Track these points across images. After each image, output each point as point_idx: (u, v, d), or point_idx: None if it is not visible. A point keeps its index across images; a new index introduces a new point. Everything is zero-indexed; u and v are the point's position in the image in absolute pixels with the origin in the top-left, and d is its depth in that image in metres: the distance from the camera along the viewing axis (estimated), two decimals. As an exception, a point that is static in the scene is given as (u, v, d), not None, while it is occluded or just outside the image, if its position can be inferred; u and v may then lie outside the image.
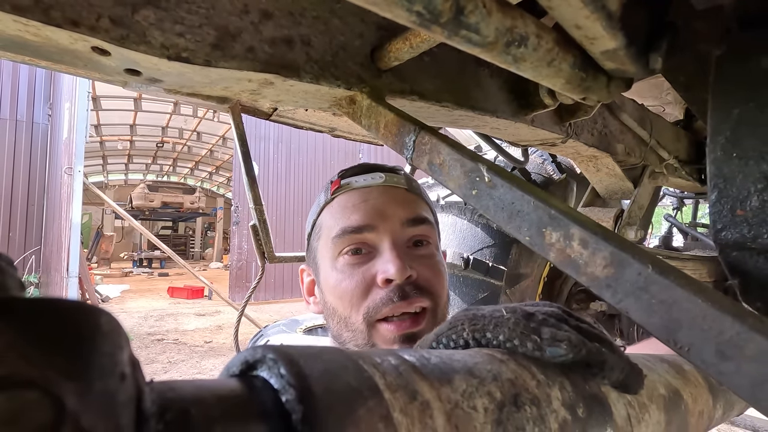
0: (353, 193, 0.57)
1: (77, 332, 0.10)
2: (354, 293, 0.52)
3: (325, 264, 0.56)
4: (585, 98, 0.40)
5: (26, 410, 0.08)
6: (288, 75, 0.49)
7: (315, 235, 0.60)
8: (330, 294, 0.56)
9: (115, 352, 0.11)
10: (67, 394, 0.09)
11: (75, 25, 0.37)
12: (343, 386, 0.17)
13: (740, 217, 0.31)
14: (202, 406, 0.14)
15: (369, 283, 0.52)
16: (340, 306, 0.54)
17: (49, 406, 0.08)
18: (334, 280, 0.54)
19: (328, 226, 0.57)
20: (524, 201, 0.36)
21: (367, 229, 0.54)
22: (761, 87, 0.30)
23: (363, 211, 0.55)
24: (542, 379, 0.27)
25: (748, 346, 0.24)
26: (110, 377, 0.10)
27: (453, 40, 0.28)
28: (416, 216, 0.56)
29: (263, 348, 0.18)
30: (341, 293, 0.53)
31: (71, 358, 0.09)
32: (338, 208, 0.57)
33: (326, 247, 0.56)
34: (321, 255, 0.58)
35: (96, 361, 0.10)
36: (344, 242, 0.54)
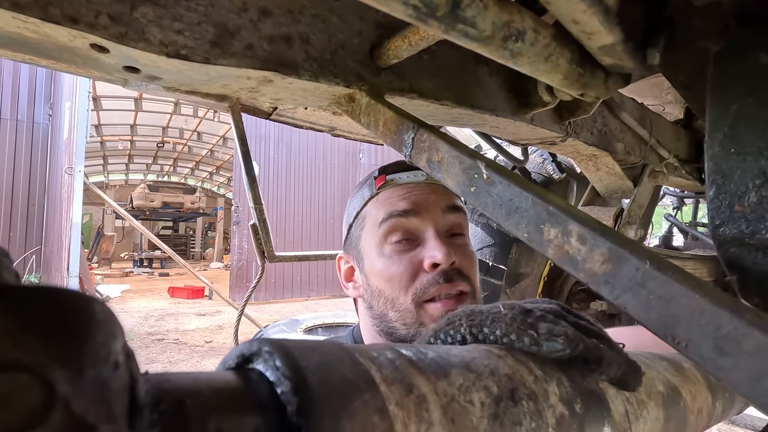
0: (398, 188, 0.62)
1: (70, 320, 0.10)
2: (403, 276, 0.57)
3: (371, 251, 0.61)
4: (583, 94, 0.40)
5: (16, 393, 0.08)
6: (287, 73, 0.50)
7: (358, 224, 0.65)
8: (376, 278, 0.60)
9: (109, 341, 0.11)
10: (59, 379, 0.09)
11: (74, 22, 0.37)
12: (339, 379, 0.17)
13: (738, 212, 0.31)
14: (197, 397, 0.14)
15: (416, 267, 0.57)
16: (388, 288, 0.58)
17: (39, 390, 0.08)
18: (382, 265, 0.59)
19: (374, 215, 0.62)
20: (522, 198, 0.36)
21: (413, 214, 0.59)
22: (759, 83, 0.30)
23: (409, 200, 0.60)
24: (540, 375, 0.27)
25: (746, 341, 0.24)
26: (103, 365, 0.10)
27: (450, 34, 0.28)
28: (454, 204, 0.62)
29: (259, 341, 0.18)
30: (390, 277, 0.58)
31: (64, 344, 0.09)
32: (384, 199, 0.62)
33: (372, 235, 0.61)
34: (366, 242, 0.62)
35: (89, 349, 0.10)
36: (391, 227, 0.59)
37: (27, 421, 0.08)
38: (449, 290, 0.56)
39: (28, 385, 0.08)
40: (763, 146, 0.28)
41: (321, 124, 0.89)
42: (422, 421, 0.18)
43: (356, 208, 0.66)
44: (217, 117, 10.26)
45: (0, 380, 0.08)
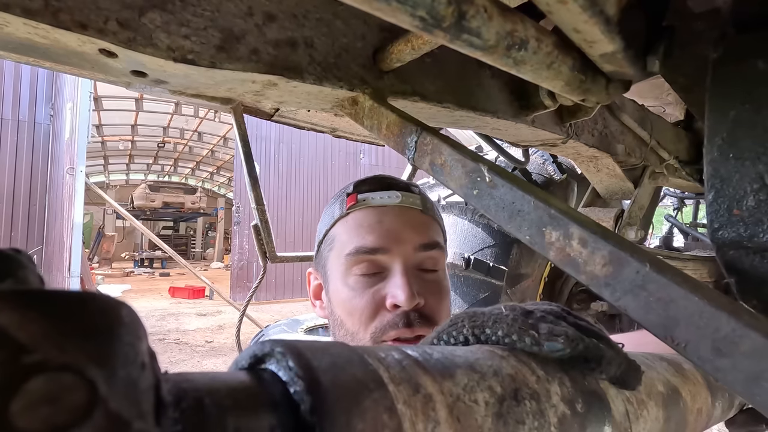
0: (369, 211, 0.58)
1: (101, 323, 0.11)
2: (363, 312, 0.54)
3: (336, 277, 0.58)
4: (584, 100, 0.40)
5: (64, 391, 0.08)
6: (291, 76, 0.50)
7: (326, 245, 0.61)
8: (339, 307, 0.57)
9: (136, 343, 0.12)
10: (99, 379, 0.09)
11: (83, 28, 0.38)
12: (350, 378, 0.18)
13: (737, 216, 0.31)
14: (215, 396, 0.15)
15: (378, 304, 0.54)
16: (349, 321, 0.56)
17: (83, 388, 0.09)
18: (344, 295, 0.56)
19: (342, 241, 0.58)
20: (525, 201, 0.37)
21: (381, 252, 0.55)
22: (757, 89, 0.30)
23: (378, 233, 0.56)
24: (542, 375, 0.28)
25: (744, 343, 0.25)
26: (132, 365, 0.11)
27: (455, 43, 0.29)
28: (429, 241, 0.57)
29: (271, 342, 0.19)
30: (351, 310, 0.55)
31: (98, 346, 0.10)
32: (353, 224, 0.58)
33: (338, 261, 0.58)
34: (332, 266, 0.59)
35: (119, 350, 0.11)
36: (357, 261, 0.55)
37: (74, 418, 0.08)
38: (408, 335, 0.53)
39: (74, 385, 0.09)
40: (760, 151, 0.29)
41: (322, 125, 0.89)
42: (429, 420, 0.19)
43: (326, 226, 0.61)
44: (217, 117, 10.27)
45: (48, 380, 0.08)
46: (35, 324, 0.09)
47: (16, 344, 0.08)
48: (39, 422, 0.08)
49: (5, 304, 0.09)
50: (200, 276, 5.65)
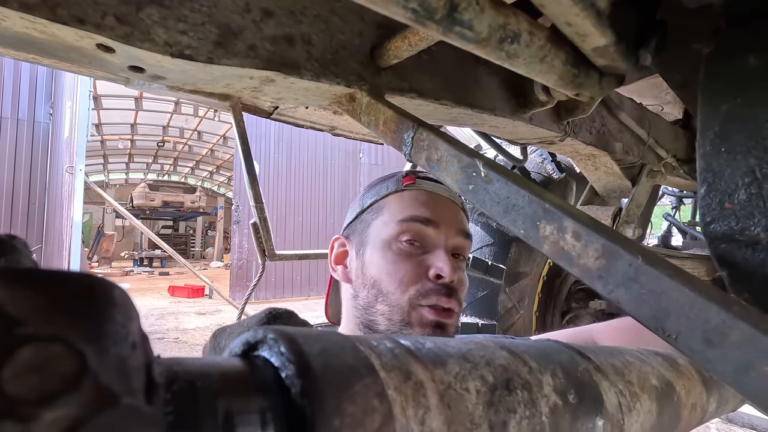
0: (423, 192, 0.64)
1: (92, 301, 0.11)
2: (406, 275, 0.59)
3: (378, 241, 0.62)
4: (578, 94, 0.41)
5: (53, 360, 0.09)
6: (289, 72, 0.50)
7: (372, 212, 0.65)
8: (375, 268, 0.61)
9: (127, 322, 0.12)
10: (89, 352, 0.09)
11: (81, 23, 0.38)
12: (341, 364, 0.18)
13: (728, 210, 0.32)
14: (206, 380, 0.15)
15: (421, 272, 0.59)
16: (386, 281, 0.60)
17: (73, 359, 0.09)
18: (389, 257, 0.60)
19: (395, 209, 0.63)
20: (519, 195, 0.37)
21: (432, 225, 0.61)
22: (749, 83, 0.31)
23: (432, 209, 0.62)
24: (534, 366, 0.28)
25: (733, 333, 0.25)
26: (123, 344, 0.11)
27: (448, 36, 0.29)
28: (467, 230, 0.65)
29: (264, 329, 0.19)
30: (392, 271, 0.59)
31: (89, 323, 0.10)
32: (409, 198, 0.63)
33: (386, 227, 0.62)
34: (376, 231, 0.63)
35: (110, 329, 0.11)
36: (409, 228, 0.60)
37: (62, 386, 0.09)
38: (446, 304, 0.58)
39: (63, 355, 0.09)
40: (751, 145, 0.29)
41: (321, 124, 0.89)
42: (419, 406, 0.19)
43: (374, 197, 0.66)
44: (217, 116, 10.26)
45: (37, 350, 0.09)
46: (26, 299, 0.09)
47: (8, 317, 0.09)
48: (28, 389, 0.08)
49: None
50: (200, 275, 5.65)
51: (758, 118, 0.29)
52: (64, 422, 0.08)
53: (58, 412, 0.08)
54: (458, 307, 0.60)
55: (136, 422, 0.10)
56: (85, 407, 0.09)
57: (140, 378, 0.12)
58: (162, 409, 0.13)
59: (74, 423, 0.09)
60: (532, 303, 1.83)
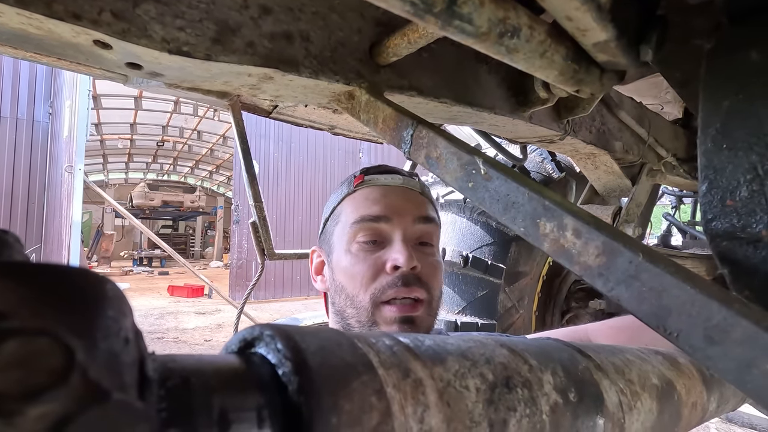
0: (374, 188, 0.64)
1: (83, 295, 0.11)
2: (365, 275, 0.59)
3: (340, 247, 0.63)
4: (578, 90, 0.40)
5: (38, 354, 0.08)
6: (287, 70, 0.50)
7: (333, 220, 0.66)
8: (341, 274, 0.62)
9: (119, 317, 0.12)
10: (77, 346, 0.09)
11: (77, 19, 0.38)
12: (338, 361, 0.18)
13: (730, 207, 0.31)
14: (202, 376, 0.15)
15: (378, 268, 0.59)
16: (350, 285, 0.60)
17: (59, 353, 0.09)
18: (347, 262, 0.61)
19: (348, 213, 0.63)
20: (519, 192, 0.37)
21: (384, 220, 0.60)
22: (750, 79, 0.30)
23: (382, 204, 0.61)
24: (534, 364, 0.28)
25: (735, 331, 0.25)
26: (114, 339, 0.11)
27: (447, 30, 0.29)
28: (426, 215, 0.63)
29: (260, 326, 0.19)
30: (353, 274, 0.60)
31: (79, 317, 0.10)
32: (360, 199, 0.63)
33: (343, 232, 0.63)
34: (337, 238, 0.64)
35: (101, 323, 0.11)
36: (361, 228, 0.61)
37: (49, 381, 0.08)
38: (406, 294, 0.57)
39: (49, 349, 0.09)
40: (753, 141, 0.29)
41: (321, 123, 0.89)
42: (418, 404, 0.19)
43: (333, 204, 0.67)
44: (217, 116, 10.25)
45: (22, 343, 0.08)
46: (12, 292, 0.09)
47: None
48: (12, 383, 0.08)
49: (-16, 273, 0.09)
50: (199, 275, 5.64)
51: (760, 114, 0.29)
52: (51, 418, 0.08)
53: (44, 407, 0.08)
54: (426, 294, 0.59)
55: (128, 418, 0.10)
56: (74, 402, 0.09)
57: (132, 373, 0.11)
58: (156, 405, 0.12)
59: (62, 419, 0.08)
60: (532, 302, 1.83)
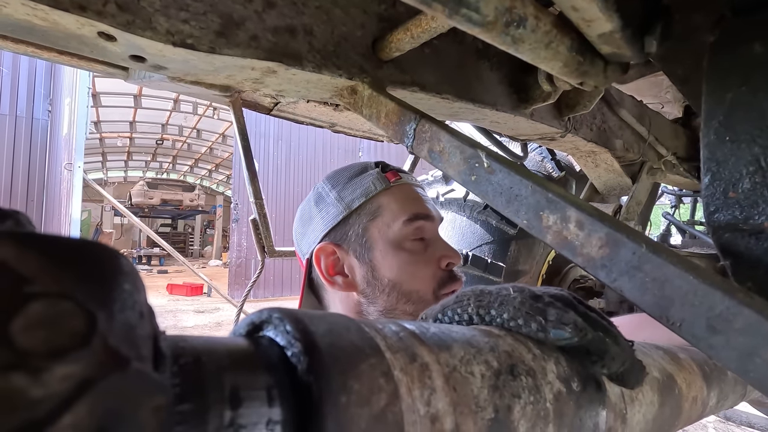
0: (409, 186, 0.66)
1: (101, 267, 0.11)
2: (428, 272, 0.61)
3: (388, 243, 0.62)
4: (582, 83, 0.40)
5: (63, 316, 0.09)
6: (291, 64, 0.50)
7: (364, 214, 0.63)
8: (393, 270, 0.61)
9: (134, 292, 0.12)
10: (98, 312, 0.09)
11: (82, 10, 0.38)
12: (347, 343, 0.18)
13: (732, 199, 0.31)
14: (212, 356, 0.15)
15: (434, 264, 0.62)
16: (409, 281, 0.61)
17: (82, 317, 0.09)
18: (404, 258, 0.61)
19: (395, 208, 0.63)
20: (522, 185, 0.37)
21: (430, 219, 0.64)
22: (754, 71, 0.30)
23: (424, 202, 0.65)
24: (538, 354, 0.28)
25: (737, 320, 0.25)
26: (131, 311, 0.11)
27: (454, 18, 0.29)
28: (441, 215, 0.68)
29: (269, 309, 0.19)
30: (413, 271, 0.61)
31: (98, 286, 0.10)
32: (402, 196, 0.64)
33: (392, 228, 0.62)
34: (381, 234, 0.62)
35: (118, 295, 0.11)
36: (417, 225, 0.62)
37: (73, 342, 0.09)
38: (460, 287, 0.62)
39: (73, 312, 0.09)
40: (756, 134, 0.29)
41: (321, 120, 0.89)
42: (425, 387, 0.19)
43: (359, 198, 0.63)
44: (216, 114, 10.24)
45: (47, 305, 0.08)
46: (34, 260, 0.09)
47: (17, 275, 0.09)
48: (38, 342, 0.08)
49: (6, 241, 0.09)
50: (198, 273, 5.64)
51: (763, 106, 0.29)
52: (75, 379, 0.08)
53: (70, 367, 0.08)
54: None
55: (146, 388, 0.10)
56: (96, 366, 0.09)
57: (148, 347, 0.12)
58: (170, 380, 0.13)
59: (85, 381, 0.08)
60: (532, 301, 1.83)
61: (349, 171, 0.68)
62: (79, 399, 0.08)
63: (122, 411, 0.09)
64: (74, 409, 0.08)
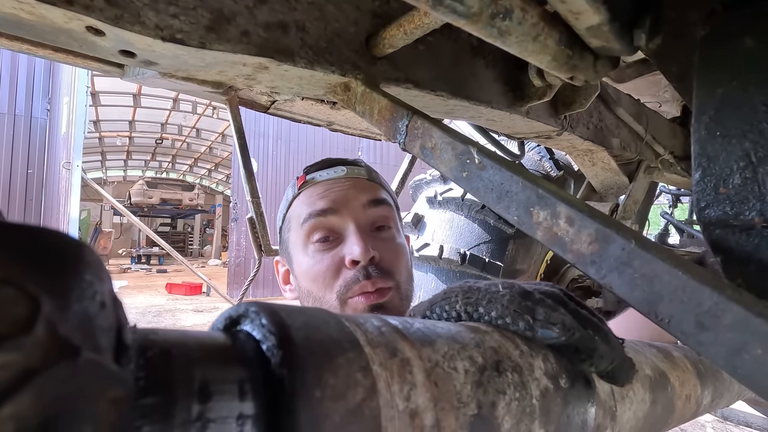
0: (318, 185, 0.62)
1: (59, 255, 0.10)
2: (326, 275, 0.57)
3: (297, 252, 0.61)
4: (573, 78, 0.40)
5: (4, 303, 0.08)
6: (282, 59, 0.50)
7: (285, 227, 0.65)
8: (304, 278, 0.60)
9: (95, 282, 0.11)
10: (43, 299, 0.09)
11: (69, 4, 0.37)
12: (324, 337, 0.17)
13: (723, 194, 0.31)
14: (182, 349, 0.15)
15: (338, 265, 0.57)
16: (314, 288, 0.58)
17: (24, 303, 0.09)
18: (306, 265, 0.59)
19: (297, 215, 0.62)
20: (513, 181, 0.37)
21: (331, 212, 0.58)
22: (744, 66, 0.30)
23: (327, 198, 0.60)
24: (525, 350, 0.28)
25: (726, 316, 0.25)
26: (89, 301, 0.11)
27: (438, 10, 0.29)
28: (376, 198, 0.61)
29: (246, 303, 0.19)
30: (314, 276, 0.58)
31: (50, 274, 0.10)
32: (304, 199, 0.62)
33: (297, 236, 0.61)
34: (293, 244, 0.62)
35: (75, 284, 0.10)
36: (311, 226, 0.59)
37: (12, 330, 0.08)
38: (370, 288, 0.55)
39: (13, 298, 0.09)
40: (747, 129, 0.29)
41: (319, 119, 0.89)
42: (405, 382, 0.19)
43: (283, 211, 0.66)
44: (216, 114, 10.23)
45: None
46: (-20, 246, 0.09)
47: (-43, 261, 0.08)
48: (-27, 328, 0.08)
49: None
50: (197, 272, 5.63)
51: (754, 102, 0.28)
52: (14, 368, 0.08)
53: (9, 355, 0.08)
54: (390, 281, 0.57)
55: (99, 378, 0.09)
56: (39, 356, 0.08)
57: (109, 338, 0.11)
58: (133, 373, 0.12)
59: (26, 371, 0.08)
60: (529, 300, 1.83)
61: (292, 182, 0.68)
62: (21, 388, 0.08)
63: (73, 402, 0.09)
64: (15, 399, 0.08)
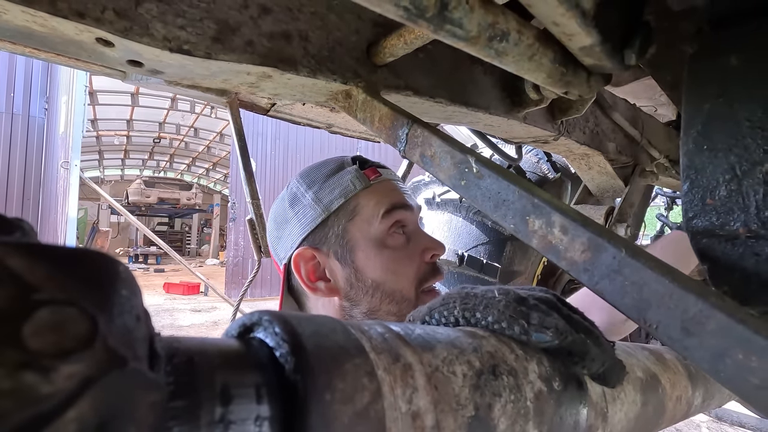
0: (389, 182, 0.64)
1: (100, 274, 0.12)
2: (410, 268, 0.59)
3: (370, 241, 0.59)
4: (567, 92, 0.42)
5: (68, 321, 0.10)
6: (286, 69, 0.51)
7: (343, 215, 0.61)
8: (377, 270, 0.58)
9: (131, 296, 0.13)
10: (99, 317, 0.10)
11: (81, 17, 0.39)
12: (332, 344, 0.19)
13: (710, 206, 0.33)
14: (204, 356, 0.16)
15: (417, 257, 0.60)
16: (392, 280, 0.58)
17: (85, 321, 0.10)
18: (386, 257, 0.59)
19: (374, 204, 0.60)
20: (510, 191, 0.38)
21: (409, 209, 0.62)
22: (730, 83, 0.32)
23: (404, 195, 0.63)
24: (521, 354, 0.29)
25: (709, 322, 0.26)
26: (128, 315, 0.12)
27: (438, 34, 0.30)
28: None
29: (260, 312, 0.20)
30: (396, 269, 0.58)
31: (98, 293, 0.11)
32: (382, 192, 0.62)
33: (371, 224, 0.60)
34: (362, 233, 0.60)
35: (116, 299, 0.12)
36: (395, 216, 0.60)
37: (77, 345, 0.09)
38: (440, 279, 0.60)
39: (77, 317, 0.10)
40: (732, 143, 0.30)
41: (318, 121, 0.90)
42: (407, 386, 0.20)
43: (338, 198, 0.61)
44: (214, 113, 10.23)
45: (54, 311, 0.09)
46: (40, 269, 0.10)
47: (26, 284, 0.10)
48: (47, 345, 0.09)
49: (15, 252, 0.10)
50: (195, 272, 5.64)
51: (739, 117, 0.30)
52: (79, 377, 0.09)
53: (74, 367, 0.09)
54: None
55: (142, 385, 0.11)
56: (97, 365, 0.10)
57: (144, 348, 0.13)
58: (164, 378, 0.14)
59: (88, 378, 0.09)
60: (526, 301, 1.84)
61: (325, 168, 0.64)
62: (83, 395, 0.09)
63: (121, 406, 0.10)
64: (78, 404, 0.09)
